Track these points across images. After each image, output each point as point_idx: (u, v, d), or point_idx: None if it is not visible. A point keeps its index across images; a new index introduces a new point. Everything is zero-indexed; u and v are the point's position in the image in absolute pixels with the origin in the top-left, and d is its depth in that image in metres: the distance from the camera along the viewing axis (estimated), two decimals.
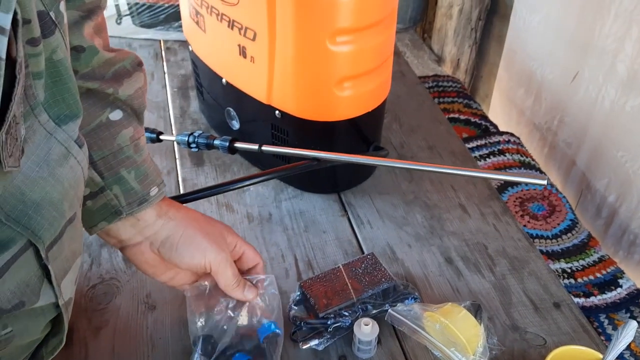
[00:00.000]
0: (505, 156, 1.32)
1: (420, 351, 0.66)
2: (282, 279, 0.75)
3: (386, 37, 0.75)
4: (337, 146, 0.82)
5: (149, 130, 0.90)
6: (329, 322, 0.65)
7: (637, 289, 1.00)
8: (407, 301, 0.69)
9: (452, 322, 0.63)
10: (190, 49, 0.94)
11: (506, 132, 1.39)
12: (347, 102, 0.76)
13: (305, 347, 0.65)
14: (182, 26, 0.97)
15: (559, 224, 1.15)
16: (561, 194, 1.21)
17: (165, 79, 1.14)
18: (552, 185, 1.23)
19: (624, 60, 1.10)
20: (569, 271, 1.07)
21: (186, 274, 0.63)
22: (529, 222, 1.15)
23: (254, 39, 0.74)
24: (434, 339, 0.64)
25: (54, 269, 0.44)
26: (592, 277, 1.06)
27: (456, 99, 1.52)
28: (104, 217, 0.58)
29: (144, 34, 1.26)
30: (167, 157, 0.94)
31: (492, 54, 1.69)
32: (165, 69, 1.17)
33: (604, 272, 1.06)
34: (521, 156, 1.31)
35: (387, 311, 0.68)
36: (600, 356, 0.59)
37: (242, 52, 0.78)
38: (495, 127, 1.42)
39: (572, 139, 1.31)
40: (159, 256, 0.60)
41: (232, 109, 0.89)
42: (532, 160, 1.31)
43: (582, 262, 1.09)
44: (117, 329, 0.68)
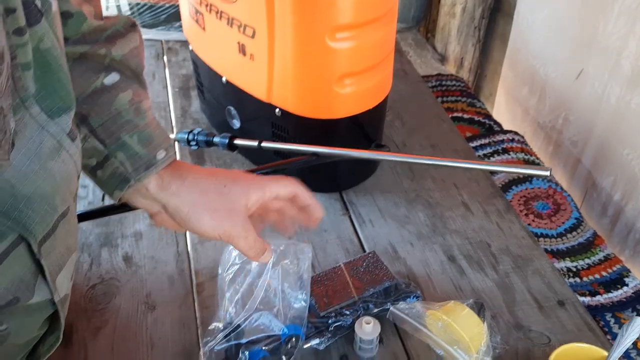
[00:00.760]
0: (509, 155, 1.30)
1: (422, 350, 0.66)
2: None
3: (387, 32, 0.74)
4: (338, 144, 0.81)
5: None
6: (329, 321, 0.65)
7: None
8: (409, 300, 0.68)
9: (455, 320, 0.62)
10: (190, 48, 0.94)
11: (510, 131, 1.38)
12: (348, 99, 0.76)
13: (306, 346, 0.64)
14: (182, 26, 0.97)
15: (563, 223, 1.14)
16: (566, 192, 1.20)
17: (166, 79, 1.14)
18: (557, 183, 1.22)
19: (629, 57, 1.09)
20: (574, 270, 1.06)
21: None
22: (533, 220, 1.14)
23: (253, 37, 0.74)
24: (436, 337, 0.63)
25: (48, 264, 0.44)
26: (597, 276, 1.04)
27: (460, 98, 1.51)
28: (115, 186, 0.55)
29: (145, 34, 1.26)
30: None
31: (496, 53, 1.68)
32: (166, 69, 1.17)
33: (609, 270, 1.05)
34: (525, 155, 1.30)
35: (388, 310, 0.67)
36: (605, 354, 0.58)
37: (242, 50, 0.77)
38: (499, 125, 1.41)
39: (577, 137, 1.30)
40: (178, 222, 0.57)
41: (232, 108, 0.89)
42: (537, 158, 1.30)
43: (587, 260, 1.07)
44: (116, 329, 0.68)
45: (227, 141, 0.83)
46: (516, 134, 1.37)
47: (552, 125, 1.39)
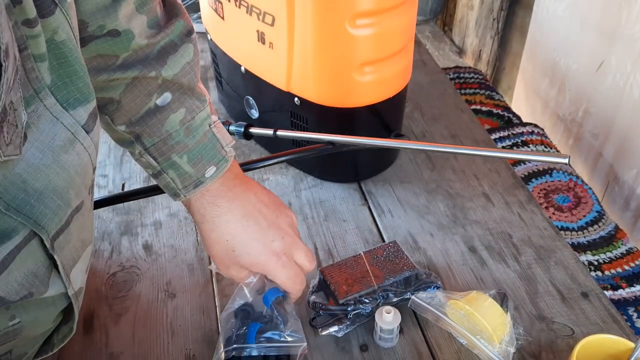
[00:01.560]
0: (528, 147, 1.29)
1: (443, 340, 0.65)
2: None
3: (407, 19, 0.73)
4: (357, 133, 0.80)
5: None
6: (349, 309, 0.64)
7: None
8: (429, 290, 0.68)
9: (478, 310, 0.61)
10: (209, 38, 0.94)
11: (530, 123, 1.36)
12: (368, 87, 0.75)
13: (324, 333, 0.64)
14: (201, 17, 0.97)
15: (584, 216, 1.13)
16: (587, 185, 1.18)
17: None
18: (578, 176, 1.20)
19: None
20: (596, 264, 1.04)
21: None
22: (553, 213, 1.13)
23: (272, 24, 0.73)
24: (459, 326, 0.62)
25: (62, 258, 0.43)
26: (619, 270, 1.03)
27: (478, 91, 1.50)
28: (170, 195, 0.60)
29: None
30: None
31: (514, 45, 1.66)
32: None
33: (632, 264, 1.03)
34: (545, 147, 1.28)
35: (409, 299, 0.66)
36: (632, 345, 0.57)
37: (261, 38, 0.77)
38: (518, 118, 1.40)
39: (598, 130, 1.28)
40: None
41: (251, 98, 0.89)
42: (557, 151, 1.28)
43: (609, 254, 1.06)
44: (137, 316, 0.68)
45: (242, 130, 0.83)
46: (536, 126, 1.35)
47: (572, 118, 1.37)
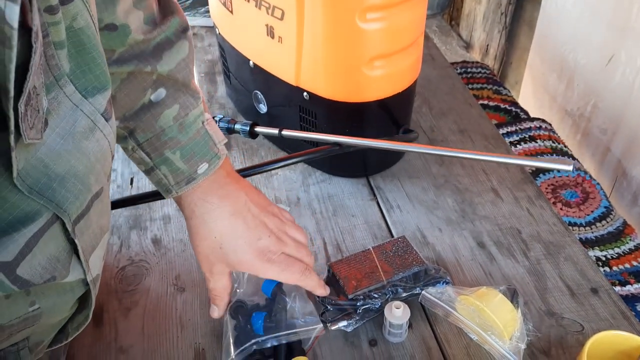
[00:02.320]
0: (536, 142, 1.28)
1: (452, 336, 0.65)
2: None
3: (417, 13, 0.73)
4: (366, 128, 0.81)
5: None
6: (358, 304, 0.64)
7: None
8: (438, 285, 0.68)
9: (488, 306, 0.61)
10: (217, 32, 0.93)
11: (537, 118, 1.35)
12: (377, 82, 0.75)
13: (333, 328, 0.64)
14: (209, 11, 0.97)
15: (592, 211, 1.12)
16: (595, 180, 1.17)
17: None
18: (586, 172, 1.20)
19: None
20: (604, 259, 1.04)
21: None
22: (561, 209, 1.12)
23: (281, 18, 0.73)
24: (469, 321, 0.62)
25: (82, 243, 0.44)
26: (628, 266, 1.02)
27: (485, 85, 1.49)
28: (161, 192, 0.60)
29: None
30: None
31: (522, 39, 1.65)
32: None
33: None
34: (553, 142, 1.28)
35: (418, 295, 0.66)
36: None
37: (270, 33, 0.76)
38: (526, 113, 1.39)
39: (606, 125, 1.27)
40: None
41: (259, 92, 0.88)
42: (565, 146, 1.27)
43: (617, 250, 1.05)
44: (146, 309, 0.68)
45: (248, 129, 0.83)
46: (543, 121, 1.35)
47: (581, 112, 1.36)
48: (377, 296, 0.65)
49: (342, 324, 0.64)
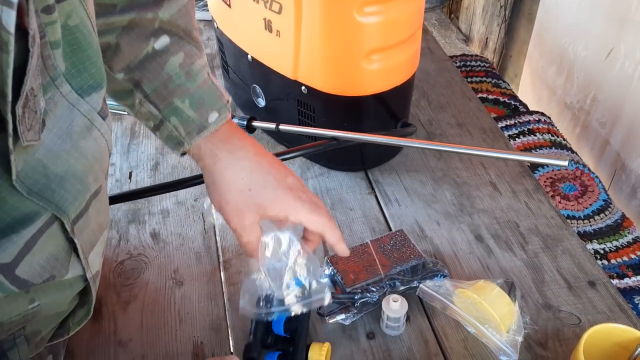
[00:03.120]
0: (535, 136, 1.28)
1: (449, 329, 0.65)
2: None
3: (416, 6, 0.73)
4: (364, 122, 0.81)
5: None
6: (356, 297, 0.64)
7: None
8: (436, 278, 0.68)
9: (485, 299, 0.61)
10: (215, 26, 0.93)
11: (536, 112, 1.35)
12: (375, 75, 0.75)
13: (331, 321, 0.64)
14: (207, 5, 0.97)
15: (591, 205, 1.12)
16: (593, 173, 1.17)
17: None
18: (585, 165, 1.20)
19: None
20: (602, 252, 1.04)
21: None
22: (560, 202, 1.12)
23: (279, 12, 0.73)
24: (467, 314, 0.62)
25: (81, 242, 0.44)
26: (626, 259, 1.02)
27: (484, 79, 1.49)
28: (172, 147, 0.57)
29: None
30: None
31: (522, 32, 1.65)
32: None
33: (638, 253, 1.03)
34: (552, 136, 1.28)
35: (415, 288, 0.67)
36: (639, 334, 0.57)
37: (268, 26, 0.76)
38: (525, 106, 1.39)
39: (605, 118, 1.27)
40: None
41: (257, 86, 0.88)
42: (564, 140, 1.27)
43: (615, 243, 1.05)
44: (145, 303, 0.69)
45: (245, 123, 0.83)
46: (542, 114, 1.34)
47: (580, 105, 1.36)
48: (374, 289, 0.65)
49: (340, 317, 0.64)
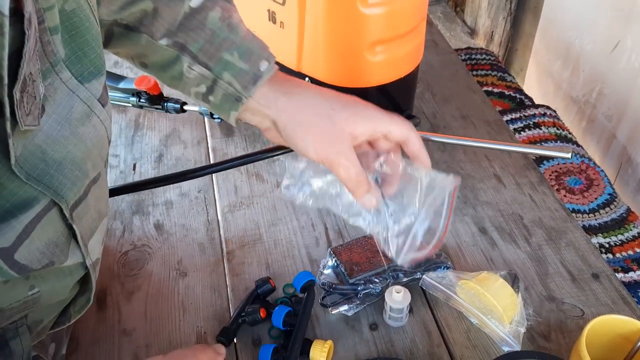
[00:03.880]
0: (540, 129, 1.28)
1: (452, 320, 0.65)
2: (313, 247, 0.74)
3: None
4: None
5: (173, 100, 0.91)
6: (359, 288, 0.65)
7: None
8: (439, 270, 0.68)
9: (488, 290, 0.61)
10: None
11: (542, 105, 1.35)
12: (379, 67, 0.75)
13: (334, 312, 0.64)
14: None
15: (596, 198, 1.12)
16: (599, 167, 1.17)
17: None
18: (590, 158, 1.19)
19: None
20: (607, 246, 1.04)
21: None
22: (565, 196, 1.12)
23: (283, 3, 0.73)
24: (470, 305, 0.62)
25: (80, 228, 0.44)
26: (631, 252, 1.02)
27: (490, 72, 1.48)
28: (230, 108, 0.55)
29: None
30: (197, 127, 0.94)
31: (527, 26, 1.64)
32: None
33: None
34: (557, 129, 1.27)
35: (418, 279, 0.67)
36: None
37: (272, 18, 0.76)
38: (530, 100, 1.38)
39: (611, 112, 1.26)
40: None
41: None
42: (569, 133, 1.27)
43: (620, 236, 1.05)
44: (149, 294, 0.69)
45: None
46: (548, 108, 1.34)
47: (586, 99, 1.35)
48: (377, 281, 0.65)
49: (343, 308, 0.64)
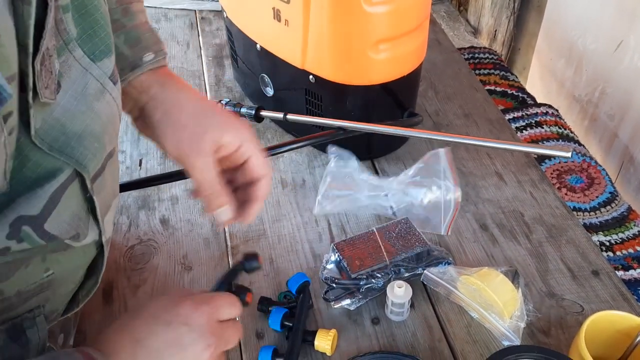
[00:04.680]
0: (542, 128, 1.28)
1: (453, 315, 0.66)
2: (316, 242, 0.75)
3: None
4: (371, 111, 0.81)
5: None
6: (361, 283, 0.65)
7: None
8: (440, 266, 0.69)
9: (489, 285, 0.62)
10: (225, 15, 0.94)
11: (544, 104, 1.35)
12: (383, 65, 0.75)
13: (337, 306, 0.65)
14: None
15: (597, 197, 1.12)
16: (600, 166, 1.17)
17: (200, 48, 1.15)
18: (592, 157, 1.20)
19: None
20: (608, 244, 1.04)
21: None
22: (566, 194, 1.13)
23: (288, 2, 0.74)
24: (471, 300, 0.63)
25: (99, 202, 0.46)
26: (631, 251, 1.03)
27: (493, 71, 1.49)
28: None
29: (179, 4, 1.26)
30: None
31: (531, 25, 1.64)
32: (200, 38, 1.18)
33: None
34: (559, 128, 1.28)
35: (420, 275, 0.67)
36: None
37: (277, 16, 0.77)
38: (532, 99, 1.39)
39: (614, 111, 1.27)
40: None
41: (266, 76, 0.89)
42: (571, 132, 1.27)
43: (621, 235, 1.06)
44: (155, 287, 0.70)
45: (253, 112, 0.84)
46: (550, 107, 1.34)
47: (589, 98, 1.36)
48: (379, 276, 0.66)
49: (346, 303, 0.65)
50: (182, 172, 0.79)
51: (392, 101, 0.83)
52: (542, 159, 1.19)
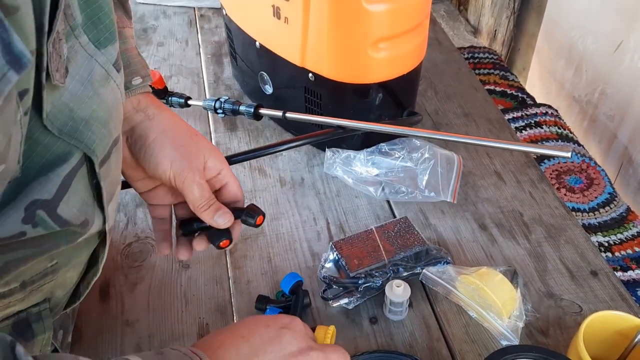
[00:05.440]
0: (542, 128, 1.28)
1: (452, 315, 0.66)
2: (314, 240, 0.75)
3: None
4: (370, 110, 0.81)
5: (177, 95, 0.91)
6: (359, 282, 0.65)
7: None
8: (439, 265, 0.68)
9: (488, 285, 0.62)
10: (224, 13, 0.94)
11: (544, 104, 1.35)
12: (382, 64, 0.75)
13: (335, 305, 0.65)
14: None
15: (596, 197, 1.12)
16: (600, 167, 1.17)
17: (199, 46, 1.14)
18: (591, 158, 1.20)
19: None
20: (606, 245, 1.04)
21: (162, 190, 0.59)
22: (565, 194, 1.13)
23: None
24: (469, 299, 0.63)
25: (105, 188, 0.46)
26: (630, 251, 1.03)
27: (492, 71, 1.49)
28: None
29: (178, 1, 1.26)
30: (201, 122, 0.95)
31: (530, 25, 1.64)
32: (199, 35, 1.18)
33: None
34: (559, 128, 1.28)
35: (418, 274, 0.67)
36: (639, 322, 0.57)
37: (276, 13, 0.77)
38: (532, 99, 1.39)
39: (613, 112, 1.27)
40: (134, 155, 0.57)
41: (265, 73, 0.89)
42: (570, 132, 1.27)
43: (620, 235, 1.06)
44: (152, 285, 0.70)
45: (252, 110, 0.84)
46: (550, 107, 1.34)
47: (588, 99, 1.36)
48: (378, 275, 0.66)
49: (344, 302, 0.65)
50: None
51: (391, 100, 0.83)
52: (541, 159, 1.19)
